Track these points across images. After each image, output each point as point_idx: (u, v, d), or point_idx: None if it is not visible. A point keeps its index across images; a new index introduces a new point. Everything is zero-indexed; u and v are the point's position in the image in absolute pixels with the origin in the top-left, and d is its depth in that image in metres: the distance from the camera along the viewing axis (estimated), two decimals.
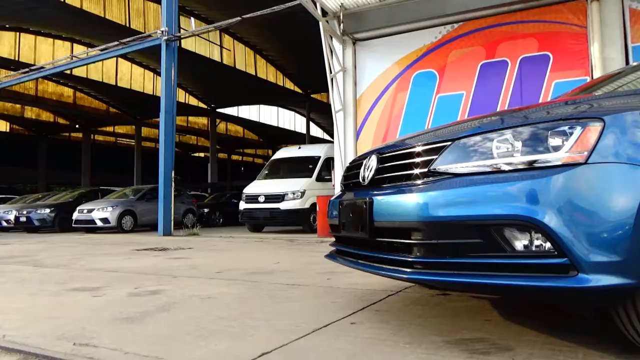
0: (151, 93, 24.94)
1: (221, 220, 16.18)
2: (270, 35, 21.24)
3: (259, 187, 11.34)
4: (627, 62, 6.72)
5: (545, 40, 7.38)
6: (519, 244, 1.57)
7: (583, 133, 1.57)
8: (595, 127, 1.57)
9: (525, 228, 1.55)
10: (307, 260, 5.00)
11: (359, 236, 2.14)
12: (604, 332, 1.97)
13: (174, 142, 11.11)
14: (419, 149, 1.96)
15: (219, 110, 28.83)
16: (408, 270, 1.81)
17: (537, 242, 1.54)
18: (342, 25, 8.75)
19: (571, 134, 1.58)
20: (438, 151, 1.85)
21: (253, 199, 10.91)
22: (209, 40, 22.42)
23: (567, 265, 1.48)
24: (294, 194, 10.51)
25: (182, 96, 25.88)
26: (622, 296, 1.51)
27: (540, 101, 7.14)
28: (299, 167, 11.57)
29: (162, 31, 10.93)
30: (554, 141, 1.60)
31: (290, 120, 34.89)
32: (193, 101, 27.55)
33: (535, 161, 1.60)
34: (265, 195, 10.74)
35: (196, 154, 39.30)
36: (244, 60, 24.27)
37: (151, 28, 19.72)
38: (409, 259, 1.82)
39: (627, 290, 1.47)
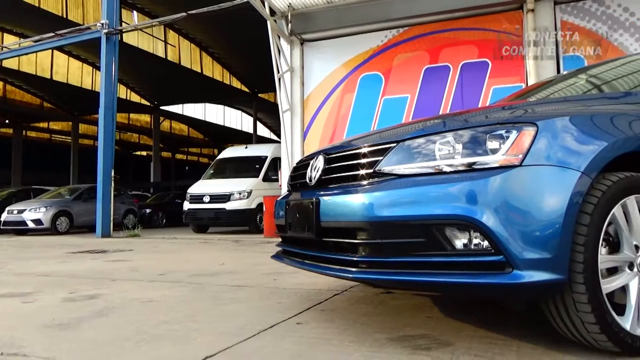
0: (90, 88, 23.77)
1: (164, 221, 15.71)
2: (217, 32, 20.86)
3: (204, 187, 11.11)
4: (558, 71, 7.15)
5: (484, 47, 7.72)
6: (459, 242, 1.63)
7: (518, 137, 1.65)
8: (529, 132, 1.66)
9: (465, 227, 1.61)
10: (253, 261, 4.96)
11: (306, 236, 2.14)
12: (535, 325, 2.08)
13: (114, 139, 10.67)
14: (365, 150, 1.99)
15: (162, 107, 27.95)
16: (353, 269, 1.83)
17: (475, 241, 1.60)
18: (290, 25, 8.73)
19: (508, 137, 1.66)
20: (383, 152, 1.88)
21: (198, 199, 10.67)
22: (152, 36, 21.69)
23: (503, 263, 1.55)
24: (240, 194, 10.38)
25: (123, 92, 24.86)
26: (553, 291, 1.60)
27: (479, 105, 7.46)
28: (246, 167, 11.45)
29: (102, 24, 10.46)
30: (492, 144, 1.67)
31: (237, 119, 34.42)
32: (135, 98, 26.56)
33: (474, 163, 1.67)
34: (210, 195, 10.54)
35: (138, 153, 37.92)
36: (189, 57, 23.68)
37: (90, 20, 18.78)
38: (355, 259, 1.84)
39: (556, 285, 1.56)
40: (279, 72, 8.70)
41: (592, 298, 1.55)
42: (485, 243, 1.58)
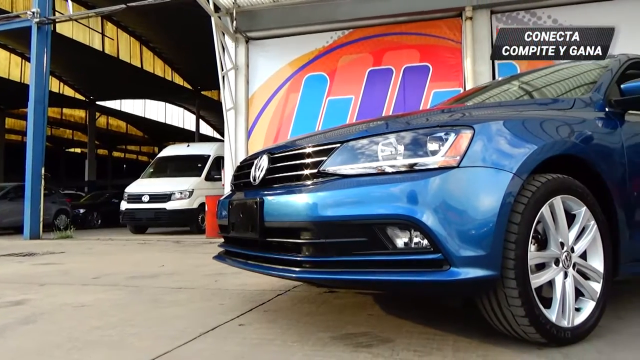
0: (18, 80, 22.26)
1: (99, 221, 15.01)
2: (159, 27, 20.15)
3: (143, 186, 10.72)
4: (493, 77, 7.51)
5: (426, 52, 7.97)
6: (400, 241, 1.67)
7: (456, 139, 1.72)
8: (466, 134, 1.73)
9: (406, 226, 1.65)
10: (194, 262, 4.84)
11: (249, 236, 2.12)
12: (471, 319, 2.17)
13: (44, 135, 10.04)
14: (309, 150, 1.99)
15: (99, 102, 26.64)
16: (297, 269, 1.83)
17: (416, 240, 1.65)
18: (235, 22, 8.60)
19: (446, 139, 1.72)
20: (327, 153, 1.90)
21: (136, 198, 10.28)
22: (89, 27, 20.61)
23: (441, 260, 1.61)
24: (181, 193, 10.12)
25: (56, 86, 23.45)
26: (486, 286, 1.68)
27: (420, 108, 7.69)
28: (188, 166, 11.17)
29: (33, 12, 9.82)
30: (431, 146, 1.73)
31: (178, 116, 33.45)
32: (69, 92, 25.15)
33: (415, 164, 1.72)
34: (150, 195, 10.19)
35: (72, 150, 35.96)
36: (128, 51, 22.71)
37: (20, 8, 17.56)
38: (298, 259, 1.84)
39: (490, 281, 1.64)
40: (223, 70, 8.55)
41: (522, 292, 1.64)
42: (425, 242, 1.63)
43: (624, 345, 1.80)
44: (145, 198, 10.18)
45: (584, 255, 1.90)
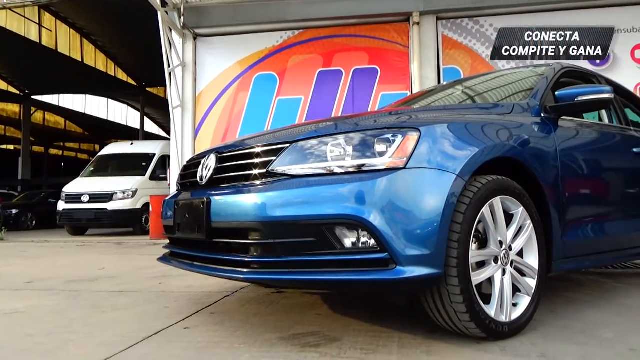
0: None
1: (34, 222, 14.17)
2: (101, 19, 19.30)
3: (82, 185, 10.24)
4: (439, 81, 7.76)
5: (374, 55, 8.11)
6: (348, 241, 1.68)
7: (403, 141, 1.76)
8: (413, 136, 1.77)
9: (354, 226, 1.67)
10: (137, 264, 4.68)
11: (196, 237, 2.07)
12: (416, 316, 2.23)
13: None
14: (258, 149, 1.98)
15: (35, 97, 25.17)
16: (245, 270, 1.81)
17: (363, 239, 1.67)
18: (182, 18, 8.39)
19: (394, 141, 1.76)
20: (277, 153, 1.89)
21: (75, 198, 9.80)
22: (24, 17, 19.43)
23: (388, 260, 1.64)
24: (124, 193, 9.75)
25: None
26: (430, 284, 1.73)
27: (369, 110, 7.82)
28: (131, 165, 10.77)
29: None
30: (379, 147, 1.76)
31: (122, 113, 32.20)
32: (2, 85, 23.61)
33: (363, 165, 1.74)
34: (90, 195, 9.75)
35: (4, 147, 33.77)
36: (68, 44, 21.59)
37: None
38: (246, 259, 1.82)
39: (434, 279, 1.69)
40: (169, 67, 8.32)
41: (463, 290, 1.70)
42: (372, 241, 1.65)
43: (555, 337, 1.91)
44: (85, 198, 9.73)
45: (520, 253, 2.00)
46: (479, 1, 7.58)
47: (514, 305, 1.94)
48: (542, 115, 2.39)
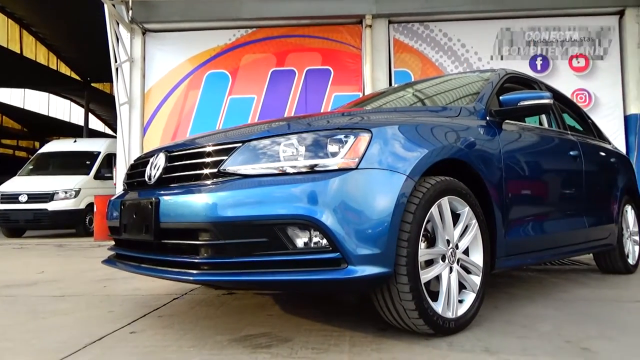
0: None
1: None
2: (43, 10, 18.30)
3: (20, 184, 9.68)
4: (390, 83, 7.91)
5: (327, 55, 8.16)
6: (300, 241, 1.68)
7: (355, 142, 1.78)
8: (365, 137, 1.80)
9: (306, 226, 1.67)
10: (80, 267, 4.48)
11: (143, 238, 2.00)
12: (366, 315, 2.26)
13: None
14: (209, 148, 1.94)
15: None
16: (195, 271, 1.77)
17: (315, 239, 1.68)
18: (130, 12, 8.10)
19: (346, 142, 1.78)
20: (228, 152, 1.86)
21: (12, 198, 9.26)
22: None
23: (339, 259, 1.65)
24: (66, 192, 9.30)
25: None
26: (381, 283, 1.76)
27: (322, 110, 7.86)
28: (74, 163, 10.29)
29: None
30: (332, 148, 1.77)
31: (64, 109, 30.70)
32: None
33: (316, 165, 1.75)
34: (28, 194, 9.23)
35: None
36: (5, 35, 20.31)
37: None
38: (196, 261, 1.78)
39: (385, 278, 1.72)
40: (116, 62, 8.02)
41: (412, 287, 1.74)
42: (324, 241, 1.66)
43: (498, 332, 1.99)
44: (23, 198, 9.21)
45: (466, 251, 2.08)
46: (429, 7, 7.79)
47: (460, 301, 2.01)
48: (488, 118, 2.49)
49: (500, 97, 2.60)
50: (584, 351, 1.75)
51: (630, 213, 3.95)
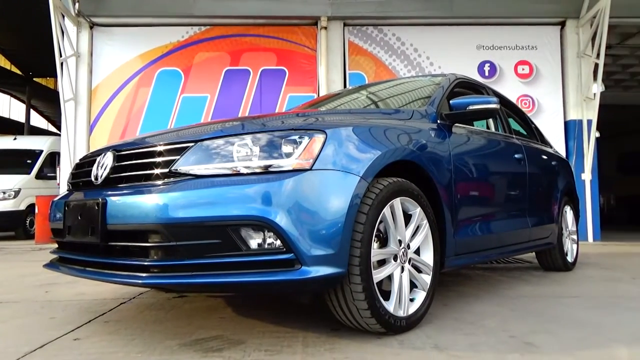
0: None
1: None
2: None
3: None
4: (345, 85, 7.98)
5: (282, 56, 8.13)
6: (254, 242, 1.67)
7: (310, 143, 1.78)
8: (319, 138, 1.81)
9: (260, 227, 1.66)
10: (20, 271, 4.24)
11: (89, 241, 1.92)
12: (319, 315, 2.27)
13: None
14: (160, 148, 1.89)
15: None
16: (144, 274, 1.72)
17: (269, 240, 1.67)
18: (77, 4, 7.76)
19: (300, 143, 1.78)
20: (180, 151, 1.82)
21: None
22: None
23: (293, 260, 1.65)
24: (4, 193, 8.81)
25: None
26: (335, 283, 1.77)
27: (276, 111, 7.83)
28: (14, 162, 9.74)
29: None
30: (286, 148, 1.77)
31: (2, 105, 29.01)
32: None
33: (270, 166, 1.74)
34: None
35: None
36: None
37: None
38: (145, 263, 1.72)
39: (338, 278, 1.73)
40: (61, 56, 7.66)
41: (365, 287, 1.77)
42: (278, 242, 1.66)
43: (447, 329, 2.05)
44: None
45: (417, 251, 2.13)
46: (382, 11, 7.93)
47: (411, 300, 2.05)
48: (438, 121, 2.56)
49: (451, 101, 2.68)
50: (527, 345, 1.83)
51: (569, 213, 4.18)
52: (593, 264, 4.58)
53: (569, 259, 4.04)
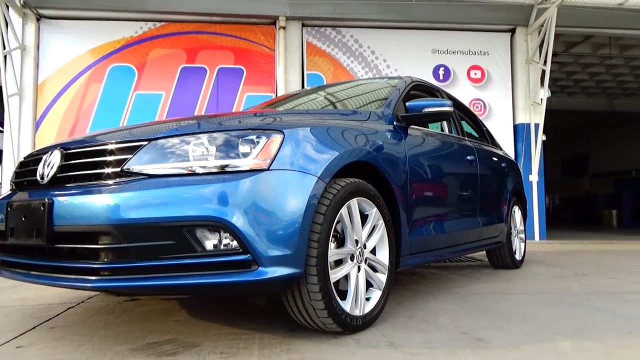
0: None
1: None
2: None
3: None
4: (303, 86, 7.99)
5: (240, 55, 8.04)
6: (210, 243, 1.64)
7: (267, 143, 1.77)
8: (277, 138, 1.80)
9: (216, 228, 1.63)
10: None
11: (33, 243, 1.83)
12: (275, 316, 2.26)
13: None
14: (112, 146, 1.83)
15: None
16: (93, 278, 1.65)
17: (225, 241, 1.64)
18: None
19: (258, 142, 1.77)
20: (133, 150, 1.77)
21: None
22: None
23: (250, 261, 1.64)
24: None
25: None
26: (292, 284, 1.77)
27: (233, 110, 7.73)
28: None
29: None
30: (243, 148, 1.75)
31: None
32: None
33: (226, 165, 1.71)
34: None
35: None
36: None
37: None
38: (95, 266, 1.66)
39: (295, 278, 1.73)
40: (5, 49, 7.26)
41: (322, 287, 1.77)
42: (234, 243, 1.64)
43: (402, 327, 2.09)
44: None
45: (373, 251, 2.16)
46: (340, 12, 7.98)
47: (367, 299, 2.08)
48: (395, 123, 2.60)
49: (407, 103, 2.73)
50: (477, 341, 1.89)
51: (517, 213, 4.36)
52: (539, 261, 4.80)
53: (517, 257, 4.21)
